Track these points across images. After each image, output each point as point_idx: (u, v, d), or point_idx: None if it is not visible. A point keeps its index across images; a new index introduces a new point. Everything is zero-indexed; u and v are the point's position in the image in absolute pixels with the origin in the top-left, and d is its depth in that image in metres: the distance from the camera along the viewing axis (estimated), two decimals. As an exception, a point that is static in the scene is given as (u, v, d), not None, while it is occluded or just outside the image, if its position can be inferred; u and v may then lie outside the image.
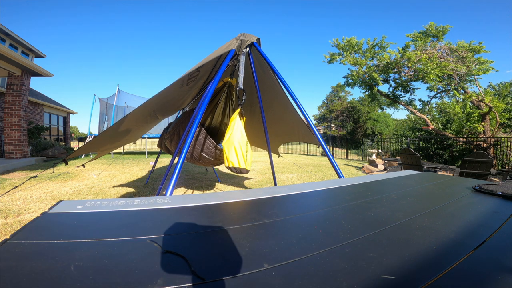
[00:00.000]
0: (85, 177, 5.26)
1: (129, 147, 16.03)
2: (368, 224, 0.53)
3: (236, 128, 1.88)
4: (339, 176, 1.62)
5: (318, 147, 3.74)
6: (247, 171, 1.93)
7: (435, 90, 10.26)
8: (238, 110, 1.93)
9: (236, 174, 5.82)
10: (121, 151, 13.35)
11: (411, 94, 10.95)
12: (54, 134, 12.19)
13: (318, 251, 0.40)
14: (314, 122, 34.38)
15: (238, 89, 1.96)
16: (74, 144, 14.76)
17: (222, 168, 6.78)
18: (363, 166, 8.82)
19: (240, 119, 1.93)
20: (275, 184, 3.21)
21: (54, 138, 11.96)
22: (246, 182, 5.05)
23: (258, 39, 2.11)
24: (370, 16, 67.90)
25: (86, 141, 8.56)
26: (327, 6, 74.80)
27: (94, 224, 0.49)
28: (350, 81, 11.07)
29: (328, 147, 3.52)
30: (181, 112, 3.45)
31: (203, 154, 2.55)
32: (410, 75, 9.52)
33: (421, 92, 48.93)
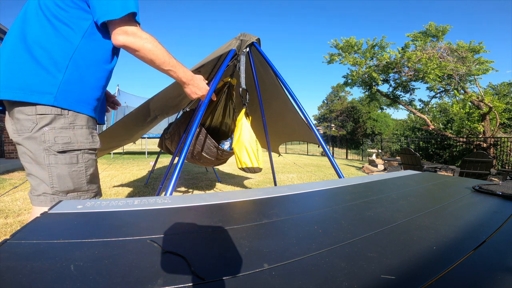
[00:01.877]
0: (85, 177, 5.24)
1: (129, 147, 16.04)
2: (368, 224, 0.53)
3: (244, 128, 1.88)
4: (339, 176, 1.62)
5: (318, 147, 3.74)
6: (260, 170, 1.95)
7: (435, 90, 10.26)
8: (244, 110, 1.93)
9: (239, 174, 5.83)
10: (121, 151, 13.35)
11: (411, 94, 10.96)
12: (54, 134, 12.17)
13: (318, 251, 0.40)
14: (314, 122, 34.37)
15: (241, 89, 1.96)
16: (74, 144, 14.71)
17: (222, 168, 6.78)
18: (363, 166, 8.82)
19: (247, 119, 1.93)
20: (275, 184, 3.21)
21: (54, 138, 11.95)
22: (246, 182, 5.05)
23: (258, 39, 2.11)
24: (370, 16, 68.01)
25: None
26: (327, 6, 74.89)
27: (94, 224, 0.49)
28: (349, 81, 11.07)
29: (328, 147, 3.52)
30: (181, 112, 3.45)
31: (204, 154, 2.56)
32: (410, 75, 9.52)
33: (421, 92, 48.97)
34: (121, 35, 0.84)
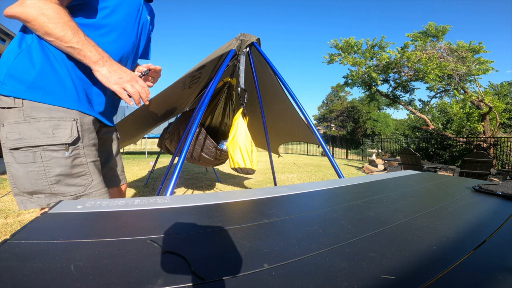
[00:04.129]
0: (85, 177, 5.23)
1: (129, 147, 16.03)
2: (368, 224, 0.53)
3: (240, 128, 1.87)
4: (339, 176, 1.62)
5: (318, 147, 3.74)
6: (253, 171, 1.92)
7: (435, 90, 10.26)
8: (241, 110, 1.93)
9: (239, 174, 5.84)
10: (121, 151, 13.34)
11: (411, 94, 10.97)
12: (54, 134, 12.15)
13: (318, 251, 0.40)
14: (314, 122, 34.36)
15: (239, 89, 1.96)
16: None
17: (222, 168, 6.78)
18: (363, 166, 8.82)
19: (243, 118, 1.93)
20: (275, 184, 3.21)
21: (54, 138, 11.92)
22: (246, 182, 5.05)
23: (258, 39, 2.11)
24: (370, 16, 68.01)
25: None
26: (327, 6, 74.88)
27: (94, 224, 0.49)
28: (349, 81, 11.08)
29: (328, 147, 3.51)
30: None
31: (203, 154, 2.56)
32: (410, 75, 9.52)
33: (421, 92, 48.92)
34: (14, 6, 0.68)
